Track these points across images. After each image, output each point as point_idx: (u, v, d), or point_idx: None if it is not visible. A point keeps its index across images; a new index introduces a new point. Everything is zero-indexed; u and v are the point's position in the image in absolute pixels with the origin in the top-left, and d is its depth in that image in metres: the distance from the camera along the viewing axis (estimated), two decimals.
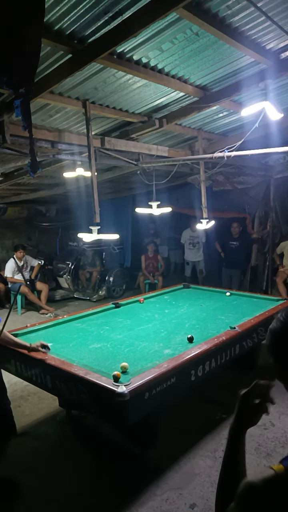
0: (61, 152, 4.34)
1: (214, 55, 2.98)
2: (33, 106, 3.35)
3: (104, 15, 2.29)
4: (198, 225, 4.97)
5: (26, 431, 3.33)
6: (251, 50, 2.84)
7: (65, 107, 3.52)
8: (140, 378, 2.56)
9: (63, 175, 5.36)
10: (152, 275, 8.18)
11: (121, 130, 4.44)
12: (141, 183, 5.96)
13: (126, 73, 3.04)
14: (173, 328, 3.83)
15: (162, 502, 2.56)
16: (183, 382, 2.93)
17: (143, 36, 2.60)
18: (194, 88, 3.54)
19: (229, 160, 4.59)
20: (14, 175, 5.68)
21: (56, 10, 2.21)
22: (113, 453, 3.08)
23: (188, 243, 8.23)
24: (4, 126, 3.42)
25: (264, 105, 3.37)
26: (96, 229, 3.62)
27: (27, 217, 9.32)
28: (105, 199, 8.15)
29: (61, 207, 9.68)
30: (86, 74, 3.01)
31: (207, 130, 4.93)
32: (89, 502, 2.59)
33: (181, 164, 5.32)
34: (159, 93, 3.55)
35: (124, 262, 9.40)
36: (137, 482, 2.75)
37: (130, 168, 5.44)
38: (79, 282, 8.61)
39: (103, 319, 4.24)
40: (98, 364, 2.94)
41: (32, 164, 2.09)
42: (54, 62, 2.75)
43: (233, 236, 7.31)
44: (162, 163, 5.15)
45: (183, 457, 2.97)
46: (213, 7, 2.41)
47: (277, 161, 6.45)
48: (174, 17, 2.41)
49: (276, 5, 2.43)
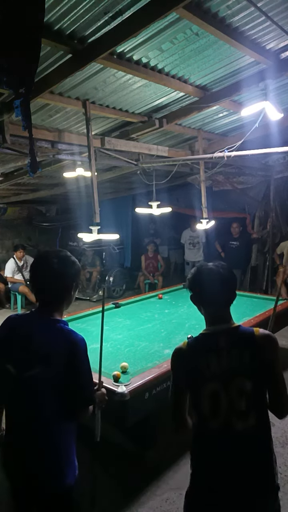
0: (61, 152, 4.34)
1: (214, 55, 2.98)
2: (33, 106, 3.35)
3: (104, 15, 2.29)
4: (198, 225, 4.97)
5: None
6: (251, 50, 2.84)
7: (65, 107, 3.51)
8: (140, 378, 2.56)
9: (63, 175, 5.36)
10: (152, 275, 8.18)
11: (121, 130, 4.44)
12: (141, 183, 5.96)
13: (126, 73, 3.04)
14: (173, 328, 3.84)
15: (162, 502, 2.56)
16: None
17: (143, 36, 2.60)
18: (194, 88, 3.54)
19: (229, 160, 4.59)
20: (14, 175, 5.68)
21: (56, 10, 2.21)
22: (113, 453, 3.08)
23: (188, 243, 8.23)
24: (4, 126, 3.42)
25: (264, 105, 3.37)
26: (96, 229, 3.61)
27: (27, 217, 9.32)
28: (105, 199, 8.15)
29: (61, 207, 9.68)
30: (86, 74, 3.01)
31: (207, 130, 4.93)
32: (89, 502, 2.59)
33: (181, 164, 5.32)
34: (159, 93, 3.55)
35: (124, 262, 9.41)
36: (137, 482, 2.75)
37: (130, 168, 5.44)
38: (79, 282, 8.60)
39: None
40: (98, 364, 2.94)
41: (31, 164, 2.09)
42: (54, 62, 2.75)
43: (233, 236, 7.32)
44: (162, 163, 5.15)
45: (183, 457, 2.97)
46: (213, 7, 2.41)
47: (277, 161, 6.45)
48: (174, 17, 2.41)
49: (276, 5, 2.43)
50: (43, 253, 1.75)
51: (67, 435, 1.61)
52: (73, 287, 1.69)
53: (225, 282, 1.56)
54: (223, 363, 1.48)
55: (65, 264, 1.65)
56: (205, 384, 1.49)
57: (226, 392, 1.47)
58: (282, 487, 2.69)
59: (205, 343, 1.56)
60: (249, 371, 1.48)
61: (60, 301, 1.66)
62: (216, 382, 1.48)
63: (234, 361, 1.48)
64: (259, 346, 1.49)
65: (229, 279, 1.58)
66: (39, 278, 1.66)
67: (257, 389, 1.49)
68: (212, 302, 1.59)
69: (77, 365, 1.55)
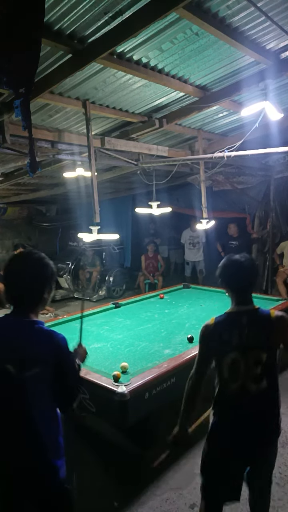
0: (61, 152, 4.34)
1: (214, 55, 2.98)
2: (33, 106, 3.35)
3: (104, 15, 2.29)
4: (198, 225, 4.98)
5: None
6: (251, 50, 2.84)
7: (65, 107, 3.51)
8: (140, 378, 2.56)
9: (63, 175, 5.36)
10: (152, 275, 8.18)
11: (121, 130, 4.44)
12: (141, 183, 5.96)
13: (126, 73, 3.04)
14: (173, 328, 3.84)
15: (162, 502, 2.56)
16: (183, 382, 2.93)
17: (143, 36, 2.60)
18: (194, 88, 3.54)
19: (229, 160, 4.59)
20: (14, 175, 5.68)
21: (56, 10, 2.21)
22: (113, 453, 3.08)
23: (188, 243, 8.23)
24: (4, 126, 3.42)
25: (264, 105, 3.37)
26: (96, 229, 3.62)
27: (27, 217, 9.32)
28: (105, 199, 8.15)
29: (61, 207, 9.68)
30: (86, 74, 3.01)
31: (207, 130, 4.93)
32: (89, 502, 2.59)
33: (181, 164, 5.32)
34: (159, 93, 3.55)
35: (124, 262, 9.41)
36: (137, 482, 2.75)
37: (130, 168, 5.44)
38: (79, 282, 8.62)
39: (103, 319, 4.24)
40: (98, 364, 2.95)
41: (31, 164, 2.08)
42: (54, 62, 2.75)
43: (233, 236, 7.32)
44: (162, 163, 5.15)
45: (183, 457, 2.97)
46: (213, 7, 2.41)
47: (277, 161, 6.45)
48: (174, 17, 2.41)
49: (276, 5, 2.43)
50: (17, 255, 1.76)
51: (55, 431, 1.64)
52: (47, 288, 1.68)
53: (247, 271, 1.93)
54: (243, 338, 1.83)
55: (39, 266, 1.66)
56: (227, 354, 1.84)
57: (244, 361, 1.82)
58: (282, 487, 2.69)
59: (229, 321, 1.92)
60: (264, 345, 1.83)
61: (35, 303, 1.66)
62: (236, 353, 1.83)
63: (252, 336, 1.83)
64: (273, 326, 1.86)
65: (251, 269, 1.95)
66: (13, 279, 1.66)
67: (270, 360, 1.83)
68: (236, 287, 1.96)
69: (63, 365, 1.61)
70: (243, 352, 1.82)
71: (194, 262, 8.25)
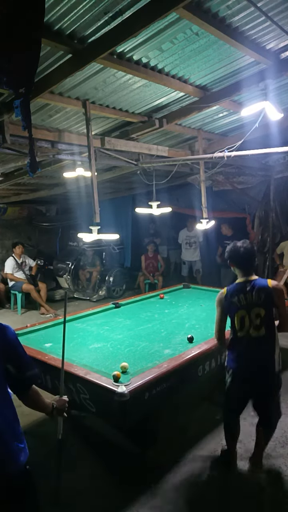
0: (61, 152, 4.34)
1: (214, 55, 2.98)
2: (33, 106, 3.35)
3: (104, 15, 2.29)
4: (198, 225, 4.97)
5: (25, 431, 3.30)
6: (251, 50, 2.84)
7: (65, 107, 3.52)
8: (140, 378, 2.56)
9: (63, 175, 5.36)
10: (152, 275, 8.18)
11: (121, 130, 4.45)
12: (141, 183, 5.96)
13: (126, 73, 3.04)
14: (173, 328, 3.83)
15: (162, 502, 2.56)
16: (183, 382, 2.94)
17: (143, 36, 2.60)
18: (194, 88, 3.54)
19: (229, 160, 4.59)
20: (14, 175, 5.68)
21: (56, 10, 2.21)
22: (113, 453, 3.08)
23: (185, 243, 8.25)
24: (4, 126, 3.42)
25: (264, 105, 3.37)
26: (96, 229, 3.62)
27: (27, 217, 9.31)
28: (105, 199, 8.15)
29: (61, 207, 9.67)
30: (86, 74, 3.01)
31: (207, 130, 4.94)
32: (89, 502, 2.59)
33: (181, 164, 5.32)
34: (159, 93, 3.55)
35: (124, 262, 9.41)
36: (137, 482, 2.75)
37: (130, 168, 5.44)
38: (79, 282, 8.61)
39: (103, 319, 4.24)
40: (98, 364, 2.94)
41: (31, 164, 2.08)
42: (54, 62, 2.75)
43: (227, 236, 7.30)
44: (162, 163, 5.15)
45: (183, 457, 2.97)
46: (213, 7, 2.41)
47: (277, 161, 6.45)
48: (174, 17, 2.41)
49: (276, 5, 2.43)
50: None
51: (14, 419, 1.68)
52: None
53: (247, 252, 2.68)
54: (248, 299, 2.60)
55: None
56: (237, 311, 2.62)
57: (249, 316, 2.59)
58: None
59: (238, 288, 2.66)
60: (263, 304, 2.57)
61: None
62: (243, 310, 2.60)
63: (255, 298, 2.59)
64: (270, 290, 2.58)
65: (250, 250, 2.70)
66: None
67: (267, 314, 2.59)
68: (241, 264, 2.71)
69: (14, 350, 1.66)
70: (247, 309, 2.59)
71: (191, 262, 8.27)
